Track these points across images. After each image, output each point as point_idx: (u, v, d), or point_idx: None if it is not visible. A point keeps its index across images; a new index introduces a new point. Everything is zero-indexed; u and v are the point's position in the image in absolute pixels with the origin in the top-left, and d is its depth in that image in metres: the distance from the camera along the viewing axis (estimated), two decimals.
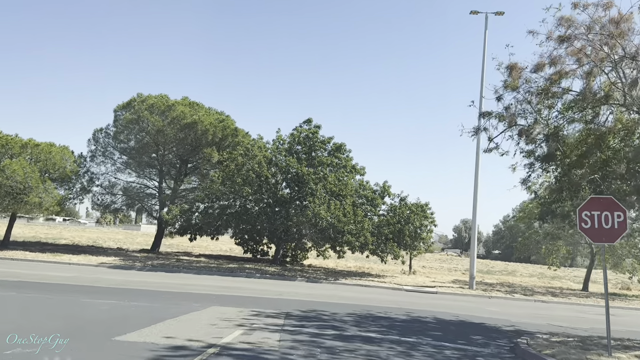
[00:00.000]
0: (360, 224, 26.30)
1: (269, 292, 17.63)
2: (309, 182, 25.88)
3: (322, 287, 21.87)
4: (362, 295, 19.26)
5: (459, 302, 20.30)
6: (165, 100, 31.68)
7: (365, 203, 28.62)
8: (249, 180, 26.19)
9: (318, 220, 25.42)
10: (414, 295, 21.64)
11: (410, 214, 28.42)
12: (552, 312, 18.85)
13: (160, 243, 34.87)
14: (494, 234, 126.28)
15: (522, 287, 30.27)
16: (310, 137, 28.14)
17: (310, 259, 38.12)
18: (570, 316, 17.89)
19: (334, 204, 26.44)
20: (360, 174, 30.86)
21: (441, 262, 64.30)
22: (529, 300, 24.02)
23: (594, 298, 26.12)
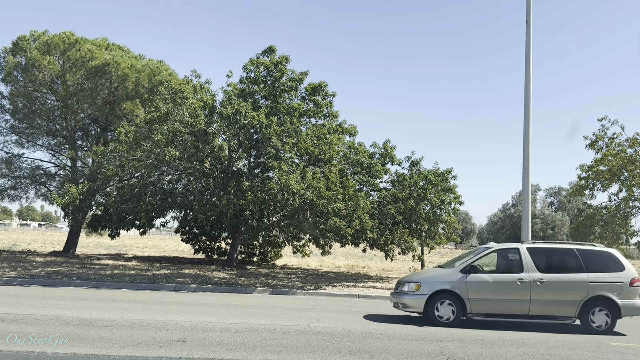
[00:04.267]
0: (353, 202, 16.92)
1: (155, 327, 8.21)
2: (271, 138, 16.46)
3: (291, 304, 12.55)
4: (359, 324, 9.88)
5: (528, 326, 11.12)
6: (67, 37, 21.98)
7: (360, 172, 19.22)
8: (177, 139, 16.63)
9: (287, 196, 16.02)
10: None
11: (425, 184, 19.09)
12: None
13: (77, 242, 25.16)
14: (489, 224, 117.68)
15: None
16: (273, 72, 18.59)
17: (286, 257, 28.69)
18: None
19: (312, 172, 17.05)
20: (350, 135, 21.48)
21: (442, 256, 55.13)
22: None
23: None
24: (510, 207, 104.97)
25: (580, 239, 22.33)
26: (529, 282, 10.20)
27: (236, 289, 15.99)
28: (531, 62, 17.91)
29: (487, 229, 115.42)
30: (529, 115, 17.84)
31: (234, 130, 17.01)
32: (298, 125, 17.86)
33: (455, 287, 10.21)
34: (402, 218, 18.66)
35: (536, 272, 10.33)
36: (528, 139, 17.74)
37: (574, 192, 21.86)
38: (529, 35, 17.92)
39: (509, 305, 10.26)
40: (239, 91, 18.57)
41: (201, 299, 13.40)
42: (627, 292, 10.23)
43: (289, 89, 18.60)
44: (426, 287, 10.35)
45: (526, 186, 17.34)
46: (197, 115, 16.67)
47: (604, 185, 21.14)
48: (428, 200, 19.08)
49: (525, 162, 17.69)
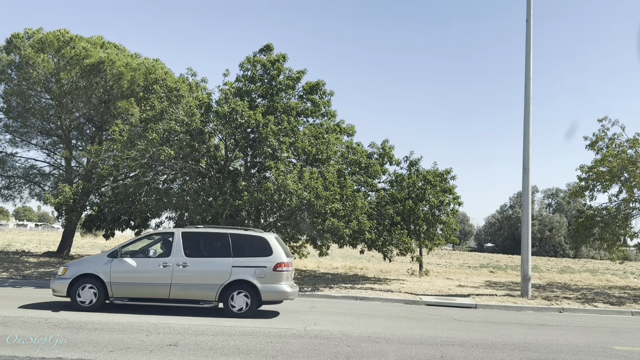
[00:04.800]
0: (351, 202, 16.67)
1: (146, 330, 7.91)
2: (268, 137, 16.20)
3: (287, 306, 12.28)
4: (357, 327, 9.61)
5: (535, 328, 10.83)
6: (62, 35, 21.69)
7: (358, 172, 18.97)
8: (173, 138, 16.35)
9: (284, 196, 15.76)
10: (446, 315, 12.13)
11: (424, 185, 18.86)
12: None
13: (71, 243, 24.85)
14: (486, 226, 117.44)
15: (587, 289, 20.93)
16: (269, 71, 18.30)
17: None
18: None
19: (309, 172, 16.80)
20: (349, 134, 21.23)
21: (440, 257, 54.94)
22: (630, 314, 14.68)
23: None
24: (508, 209, 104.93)
25: (580, 240, 22.15)
26: (172, 266, 10.23)
27: None
28: (531, 60, 17.72)
29: (484, 230, 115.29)
30: (529, 115, 17.66)
31: (230, 129, 16.73)
32: (295, 124, 17.60)
33: (99, 271, 10.22)
34: (401, 219, 18.42)
35: (183, 256, 10.34)
36: (528, 139, 17.56)
37: (574, 194, 21.66)
38: (529, 34, 17.73)
39: (150, 289, 10.23)
40: (235, 90, 18.28)
41: None
42: (270, 277, 10.30)
43: (286, 88, 18.32)
44: (71, 271, 10.32)
45: (526, 186, 17.13)
46: (192, 114, 16.39)
47: (604, 187, 20.96)
48: (427, 201, 18.86)
49: (525, 162, 17.51)
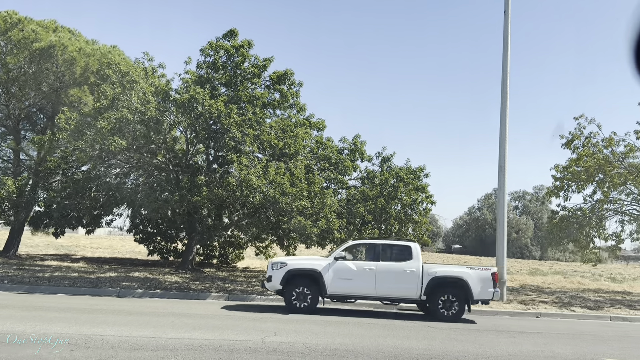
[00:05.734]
0: (320, 199, 15.59)
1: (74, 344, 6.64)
2: (230, 128, 14.96)
3: (248, 312, 11.09)
4: (322, 338, 8.52)
5: (516, 336, 9.98)
6: (9, 16, 19.92)
7: (327, 168, 17.91)
8: (125, 128, 14.91)
9: (247, 192, 14.56)
10: (419, 321, 11.19)
11: (397, 182, 17.92)
12: None
13: (19, 242, 22.98)
14: (454, 227, 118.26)
15: (561, 292, 20.38)
16: (233, 57, 17.02)
17: (248, 259, 27.17)
18: None
19: (275, 167, 15.64)
20: (318, 129, 20.16)
21: None
22: (609, 319, 14.07)
23: None
24: (476, 211, 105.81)
25: (554, 242, 21.64)
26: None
27: (188, 294, 14.45)
28: (509, 54, 17.02)
29: (452, 231, 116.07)
30: (505, 112, 16.95)
31: (190, 119, 15.42)
32: (261, 116, 16.42)
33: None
34: (372, 218, 17.45)
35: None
36: (504, 136, 16.84)
37: (549, 193, 21.11)
38: (507, 27, 17.02)
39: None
40: (196, 77, 16.96)
41: (145, 307, 11.83)
42: None
43: (252, 76, 17.10)
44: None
45: (502, 184, 16.40)
46: (147, 101, 15.01)
47: (579, 187, 20.49)
48: (399, 199, 17.93)
49: (500, 159, 16.78)
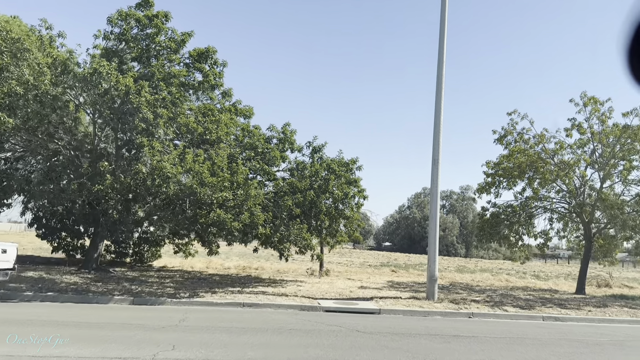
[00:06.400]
0: (244, 190, 14.06)
1: None
2: (140, 108, 13.08)
3: (150, 318, 9.41)
4: (231, 352, 7.10)
5: (451, 341, 9.05)
6: None
7: (253, 158, 16.40)
8: (16, 104, 12.64)
9: (159, 182, 12.79)
10: (348, 325, 10.04)
11: (328, 175, 16.75)
12: None
13: None
14: (385, 225, 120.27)
15: (491, 290, 20.11)
16: (147, 28, 15.03)
17: (168, 257, 25.09)
18: None
19: (193, 154, 13.94)
20: (246, 116, 18.59)
21: (341, 255, 53.92)
22: (542, 318, 13.63)
23: (621, 308, 16.45)
24: (406, 209, 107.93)
25: (485, 239, 21.38)
26: None
27: (86, 297, 12.46)
28: (445, 40, 16.32)
29: (383, 229, 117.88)
30: (440, 104, 16.21)
31: (94, 97, 13.38)
32: (178, 96, 14.63)
33: None
34: (301, 212, 16.16)
35: None
36: (439, 128, 16.09)
37: (480, 190, 20.79)
38: (444, 12, 16.27)
39: None
40: (102, 50, 14.85)
41: (26, 313, 9.84)
42: None
43: (168, 52, 15.21)
44: None
45: (435, 178, 15.64)
46: (42, 73, 12.81)
47: (510, 183, 20.30)
48: (330, 193, 16.78)
49: (434, 153, 16.01)
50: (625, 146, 18.07)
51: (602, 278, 24.91)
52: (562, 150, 19.15)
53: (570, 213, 20.49)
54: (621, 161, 18.18)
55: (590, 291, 21.25)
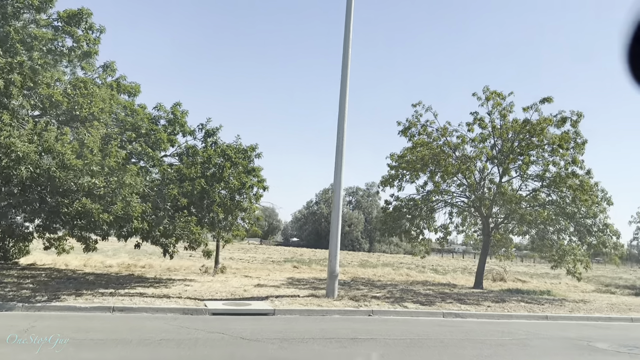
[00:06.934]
0: (118, 177, 12.03)
1: None
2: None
3: None
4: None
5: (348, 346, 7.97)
6: None
7: (135, 140, 14.33)
8: None
9: (8, 162, 10.47)
10: (233, 331, 8.63)
11: (224, 162, 15.11)
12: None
13: None
14: (293, 221, 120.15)
15: (392, 285, 19.60)
16: None
17: (40, 253, 21.95)
18: None
19: (57, 131, 11.69)
20: (130, 94, 16.38)
21: (246, 251, 52.20)
22: (442, 315, 13.09)
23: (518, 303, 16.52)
24: (314, 205, 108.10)
25: (387, 232, 20.88)
26: None
27: None
28: (351, 27, 15.34)
29: (291, 225, 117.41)
30: (345, 89, 15.22)
31: None
32: (42, 63, 12.24)
33: None
34: (190, 202, 14.38)
35: None
36: (343, 117, 15.08)
37: (384, 182, 20.22)
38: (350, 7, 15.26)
39: None
40: None
41: None
42: None
43: (29, 9, 12.69)
44: None
45: (339, 169, 14.62)
46: None
47: (412, 177, 19.92)
48: (225, 182, 15.15)
49: (339, 143, 14.99)
50: (524, 141, 18.29)
51: (497, 272, 25.58)
52: (464, 144, 19.07)
53: (469, 207, 20.57)
54: (520, 156, 18.38)
55: (487, 285, 21.55)
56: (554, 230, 18.51)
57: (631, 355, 8.48)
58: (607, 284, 26.50)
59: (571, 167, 17.73)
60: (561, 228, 18.33)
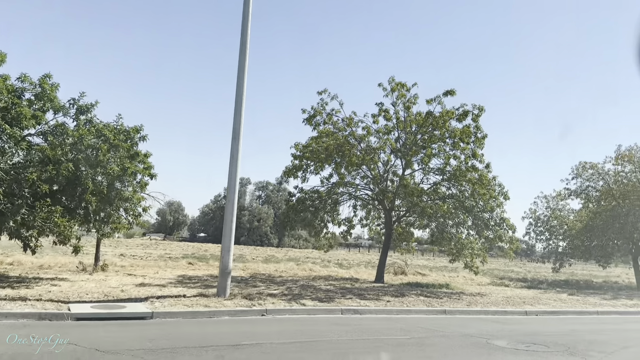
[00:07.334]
0: None
1: None
2: None
3: None
4: None
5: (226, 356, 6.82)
6: None
7: None
8: None
9: None
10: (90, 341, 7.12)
11: (99, 144, 13.17)
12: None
13: None
14: (200, 216, 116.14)
15: (292, 281, 18.62)
16: None
17: None
18: None
19: None
20: None
21: (145, 247, 49.04)
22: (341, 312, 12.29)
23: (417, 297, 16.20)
24: (222, 199, 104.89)
25: (289, 225, 19.88)
26: None
27: None
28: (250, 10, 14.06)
29: (199, 220, 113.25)
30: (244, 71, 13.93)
31: None
32: None
33: None
34: (57, 190, 12.33)
35: None
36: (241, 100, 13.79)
37: (287, 173, 19.16)
38: None
39: None
40: None
41: None
42: None
43: None
44: None
45: (235, 155, 13.32)
46: None
47: (317, 167, 19.08)
48: (102, 167, 13.22)
49: (235, 127, 13.68)
50: (426, 134, 18.08)
51: (399, 266, 25.58)
52: (370, 135, 18.54)
53: (373, 200, 20.13)
54: (422, 149, 18.16)
55: (389, 279, 21.30)
56: (453, 224, 18.54)
57: (529, 352, 8.10)
58: (501, 277, 27.53)
59: (471, 160, 17.81)
60: (460, 222, 18.38)
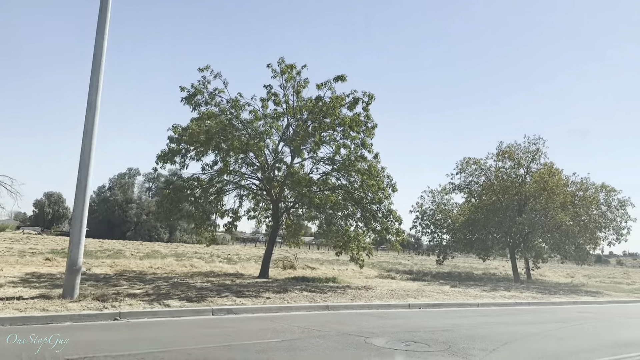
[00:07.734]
0: None
1: None
2: None
3: None
4: None
5: None
6: None
7: None
8: None
9: None
10: None
11: None
12: None
13: None
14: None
15: (166, 278, 16.73)
16: None
17: None
18: None
19: None
20: None
21: (13, 242, 43.65)
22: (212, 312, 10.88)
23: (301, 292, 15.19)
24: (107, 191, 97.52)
25: (163, 216, 17.94)
26: None
27: None
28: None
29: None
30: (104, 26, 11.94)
31: None
32: None
33: None
34: None
35: None
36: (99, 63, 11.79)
37: (161, 158, 17.13)
38: None
39: None
40: None
41: None
42: None
43: None
44: None
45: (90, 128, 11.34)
46: None
47: (198, 153, 17.35)
48: None
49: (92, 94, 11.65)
50: (317, 121, 17.14)
51: (288, 259, 24.60)
52: (258, 120, 17.18)
53: (261, 190, 18.83)
54: (312, 137, 17.18)
55: (276, 273, 20.19)
56: (342, 216, 17.83)
57: (408, 353, 7.31)
58: (388, 270, 27.65)
59: (360, 150, 17.18)
60: (349, 213, 17.73)
